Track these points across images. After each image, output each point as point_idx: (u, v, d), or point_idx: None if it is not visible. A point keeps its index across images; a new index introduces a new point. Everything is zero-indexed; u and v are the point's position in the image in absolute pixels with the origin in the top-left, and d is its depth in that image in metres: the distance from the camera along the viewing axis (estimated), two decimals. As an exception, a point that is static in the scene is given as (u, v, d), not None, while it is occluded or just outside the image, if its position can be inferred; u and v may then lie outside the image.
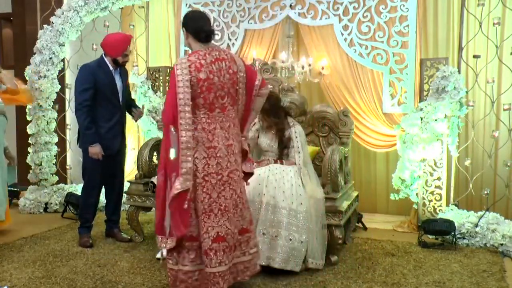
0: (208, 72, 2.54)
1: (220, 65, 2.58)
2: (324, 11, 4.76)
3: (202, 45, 2.63)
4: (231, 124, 2.63)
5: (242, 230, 2.71)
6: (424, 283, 3.12)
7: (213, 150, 2.56)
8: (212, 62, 2.57)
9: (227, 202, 2.60)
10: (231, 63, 2.63)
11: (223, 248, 2.56)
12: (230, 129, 2.62)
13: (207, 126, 2.57)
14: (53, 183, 5.22)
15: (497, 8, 4.49)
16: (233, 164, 2.61)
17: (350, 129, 4.04)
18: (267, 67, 4.35)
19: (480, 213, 4.07)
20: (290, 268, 3.19)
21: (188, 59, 2.57)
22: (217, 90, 2.57)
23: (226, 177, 2.59)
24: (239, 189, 2.67)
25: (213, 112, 2.58)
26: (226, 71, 2.59)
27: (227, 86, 2.61)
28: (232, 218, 2.62)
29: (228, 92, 2.61)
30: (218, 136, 2.57)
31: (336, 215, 3.45)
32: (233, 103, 2.65)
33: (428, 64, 4.41)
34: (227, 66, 2.60)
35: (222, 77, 2.58)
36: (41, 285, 3.05)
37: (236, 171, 2.64)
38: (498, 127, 4.49)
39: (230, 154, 2.60)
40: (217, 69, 2.56)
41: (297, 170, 3.48)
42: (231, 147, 2.61)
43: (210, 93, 2.55)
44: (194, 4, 5.25)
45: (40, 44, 5.03)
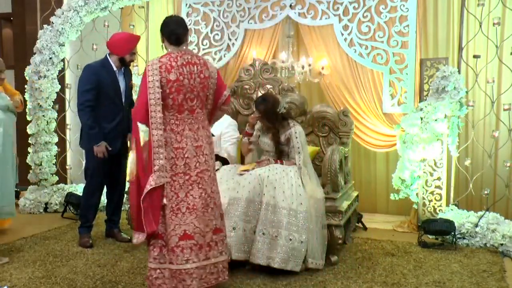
0: (178, 74, 2.62)
1: (191, 68, 2.67)
2: (324, 11, 4.77)
3: (175, 48, 2.71)
4: (200, 126, 2.71)
5: (216, 230, 2.73)
6: (424, 283, 3.12)
7: (181, 150, 2.64)
8: (183, 65, 2.65)
9: (195, 201, 2.65)
10: (203, 68, 2.71)
11: (190, 246, 2.61)
12: (199, 131, 2.70)
13: (176, 128, 2.65)
14: (53, 183, 5.22)
15: (497, 8, 4.49)
16: (203, 165, 2.68)
17: (350, 129, 4.05)
18: (267, 67, 4.35)
19: (480, 213, 4.07)
20: (290, 268, 3.19)
21: (160, 60, 2.66)
22: (186, 92, 2.65)
23: (194, 177, 2.66)
24: (210, 189, 2.71)
25: (182, 114, 2.67)
26: (197, 75, 2.68)
27: (197, 89, 2.69)
28: (201, 217, 2.65)
29: (197, 95, 2.70)
30: (186, 137, 2.65)
31: (336, 215, 3.45)
32: (202, 107, 2.74)
33: (428, 64, 4.41)
34: (198, 70, 2.68)
35: (192, 80, 2.66)
36: (41, 285, 3.05)
37: (207, 171, 2.70)
38: (498, 127, 4.49)
39: (200, 155, 2.68)
40: (187, 72, 2.65)
41: (297, 170, 3.48)
42: (201, 148, 2.69)
43: (179, 95, 2.64)
44: (194, 4, 5.25)
45: (40, 44, 5.03)
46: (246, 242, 3.24)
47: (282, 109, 3.60)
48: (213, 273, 2.71)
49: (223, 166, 3.68)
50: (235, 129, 3.94)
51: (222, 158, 3.79)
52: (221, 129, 3.86)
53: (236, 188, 3.33)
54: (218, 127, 3.86)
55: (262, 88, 4.27)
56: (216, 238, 2.73)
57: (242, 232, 3.23)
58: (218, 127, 3.86)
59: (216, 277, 2.72)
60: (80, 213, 4.09)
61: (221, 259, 2.75)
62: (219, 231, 2.75)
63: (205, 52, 5.22)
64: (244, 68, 4.46)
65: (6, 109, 3.53)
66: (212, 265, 2.70)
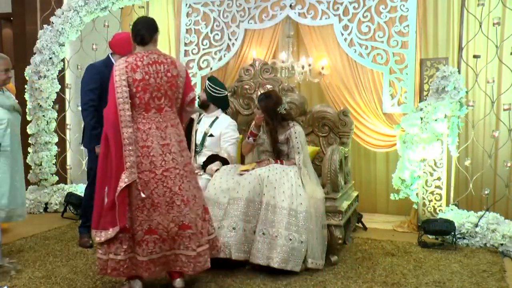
0: (144, 73, 2.69)
1: (158, 67, 2.73)
2: (324, 11, 4.76)
3: (141, 48, 2.78)
4: (168, 125, 2.76)
5: (182, 226, 2.76)
6: (424, 283, 3.12)
7: (146, 149, 2.70)
8: (149, 64, 2.72)
9: (159, 199, 2.71)
10: (171, 66, 2.77)
11: (154, 240, 2.72)
12: (168, 129, 2.75)
13: (142, 126, 2.72)
14: (53, 183, 5.22)
15: (497, 8, 4.49)
16: (170, 163, 2.72)
17: (350, 129, 4.05)
18: (267, 67, 4.35)
19: (480, 213, 4.07)
20: (290, 268, 3.19)
21: (126, 60, 2.73)
22: (153, 91, 2.71)
23: (160, 175, 2.71)
24: (177, 187, 2.74)
25: (149, 113, 2.73)
26: (164, 73, 2.74)
27: (164, 88, 2.74)
28: (165, 214, 2.72)
29: (165, 93, 2.75)
30: (152, 136, 2.71)
31: (336, 215, 3.45)
32: (171, 105, 2.80)
33: (428, 64, 4.41)
34: (165, 69, 2.74)
35: (159, 79, 2.72)
36: (41, 285, 3.05)
37: (174, 169, 2.74)
38: (498, 127, 4.49)
39: (166, 153, 2.72)
40: (153, 71, 2.71)
41: (297, 170, 3.48)
42: (168, 146, 2.73)
43: (146, 94, 2.70)
44: (194, 4, 5.25)
45: (40, 44, 5.03)
46: (246, 242, 3.24)
47: (283, 110, 3.60)
48: (177, 261, 2.79)
49: (223, 166, 3.68)
50: (234, 129, 3.94)
51: (222, 158, 3.79)
52: (220, 129, 3.86)
53: (236, 188, 3.33)
54: (218, 127, 3.87)
55: (262, 88, 4.27)
56: (182, 234, 2.76)
57: (242, 232, 3.23)
58: (218, 127, 3.87)
59: (180, 265, 2.79)
60: (81, 213, 4.09)
61: (186, 252, 2.77)
62: (187, 227, 2.76)
63: (205, 52, 5.22)
64: (244, 68, 4.46)
65: (12, 109, 3.50)
66: (176, 255, 2.78)
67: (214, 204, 3.35)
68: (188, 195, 2.78)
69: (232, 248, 3.19)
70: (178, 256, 2.79)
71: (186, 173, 2.80)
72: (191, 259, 2.78)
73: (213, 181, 3.48)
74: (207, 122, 3.94)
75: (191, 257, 2.77)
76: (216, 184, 3.44)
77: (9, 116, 3.45)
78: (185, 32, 5.29)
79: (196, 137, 3.93)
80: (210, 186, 3.47)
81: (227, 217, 3.24)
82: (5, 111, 3.44)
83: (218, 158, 3.78)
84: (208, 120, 3.95)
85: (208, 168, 3.71)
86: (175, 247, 2.77)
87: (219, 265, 3.29)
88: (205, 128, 3.90)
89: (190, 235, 2.77)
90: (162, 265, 2.78)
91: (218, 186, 3.42)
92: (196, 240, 2.79)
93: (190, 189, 2.81)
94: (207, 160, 3.79)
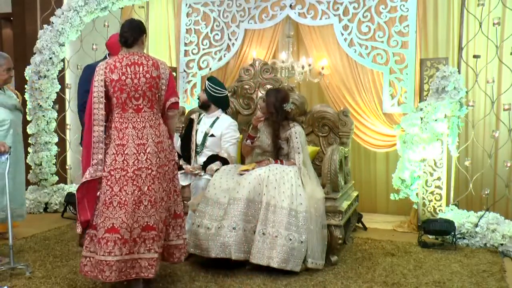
0: (121, 74, 2.74)
1: (137, 68, 2.75)
2: (324, 11, 4.76)
3: (125, 50, 2.83)
4: (147, 125, 2.78)
5: (147, 227, 2.74)
6: (424, 283, 3.12)
7: (121, 147, 2.74)
8: (128, 65, 2.75)
9: (127, 197, 2.71)
10: (151, 68, 2.78)
11: (115, 239, 2.68)
12: (145, 130, 2.77)
13: (119, 125, 2.77)
14: (53, 183, 5.22)
15: (497, 8, 4.49)
16: (143, 163, 2.74)
17: (350, 129, 4.04)
18: (267, 67, 4.35)
19: (480, 213, 4.07)
20: (290, 268, 3.19)
21: (107, 61, 2.81)
22: (130, 92, 2.75)
23: (131, 173, 2.72)
24: (147, 187, 2.74)
25: (126, 113, 2.77)
26: (143, 74, 2.75)
27: (143, 88, 2.76)
28: (131, 212, 2.70)
29: (143, 94, 2.77)
30: (128, 135, 2.75)
31: (336, 215, 3.45)
32: (151, 106, 2.80)
33: (428, 64, 4.41)
34: (144, 71, 2.76)
35: (136, 80, 2.75)
36: (41, 285, 3.05)
37: (146, 169, 2.74)
38: (498, 127, 4.49)
39: (141, 152, 2.74)
40: (131, 72, 2.74)
41: (297, 170, 3.48)
42: (143, 146, 2.75)
43: (123, 94, 2.75)
44: (194, 4, 5.25)
45: (40, 44, 5.03)
46: (246, 242, 3.24)
47: (288, 108, 3.61)
48: (134, 267, 2.74)
49: (223, 166, 3.68)
50: (235, 129, 3.94)
51: (222, 158, 3.79)
52: (221, 130, 3.86)
53: (236, 188, 3.33)
54: (219, 128, 3.87)
55: (262, 88, 4.27)
56: (145, 235, 2.74)
57: (242, 232, 3.23)
58: (219, 127, 3.87)
59: (138, 271, 2.74)
60: None
61: (147, 256, 2.75)
62: (151, 228, 2.75)
63: (205, 52, 5.22)
64: (244, 68, 4.46)
65: (14, 108, 3.50)
66: (134, 260, 2.73)
67: (214, 204, 3.36)
68: (156, 197, 2.77)
69: (232, 248, 3.19)
70: (137, 260, 2.74)
71: (159, 174, 2.79)
72: (152, 262, 2.75)
73: (213, 181, 3.48)
74: (207, 122, 3.93)
75: (153, 259, 2.75)
76: (216, 184, 3.44)
77: (12, 116, 3.45)
78: (185, 32, 5.29)
79: (196, 137, 3.92)
80: (210, 186, 3.47)
81: (227, 217, 3.24)
82: (7, 111, 3.44)
83: (218, 158, 3.78)
84: (208, 120, 3.95)
85: (208, 168, 3.71)
86: (135, 251, 2.72)
87: (219, 265, 3.29)
88: (206, 128, 3.90)
89: (154, 236, 2.76)
90: (118, 271, 2.68)
91: (218, 186, 3.42)
92: (159, 242, 2.78)
93: (159, 191, 2.79)
94: (207, 160, 3.80)
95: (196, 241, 3.28)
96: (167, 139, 2.87)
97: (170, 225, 2.90)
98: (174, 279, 3.15)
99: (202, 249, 3.25)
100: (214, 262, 3.30)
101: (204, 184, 3.58)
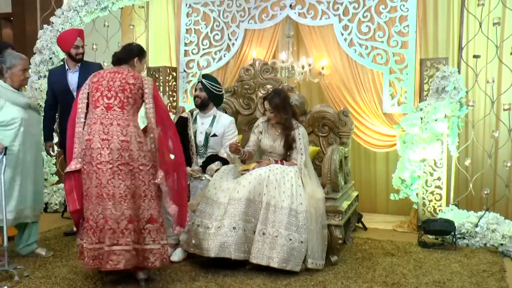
0: (100, 77, 3.03)
1: (115, 75, 3.01)
2: (324, 11, 4.76)
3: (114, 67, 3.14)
4: (114, 123, 2.93)
5: (105, 219, 2.87)
6: (424, 283, 3.12)
7: (89, 142, 2.92)
8: (109, 73, 3.04)
9: (93, 189, 2.89)
10: (128, 76, 3.01)
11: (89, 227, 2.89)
12: (112, 127, 2.92)
13: (90, 121, 2.96)
14: (53, 183, 5.22)
15: (497, 8, 4.50)
16: (105, 157, 2.88)
17: (350, 129, 4.05)
18: (267, 67, 4.35)
19: (480, 213, 4.07)
20: (290, 268, 3.19)
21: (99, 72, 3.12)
22: (103, 91, 2.97)
23: (95, 167, 2.88)
24: (107, 181, 2.86)
25: (97, 109, 2.96)
26: (119, 79, 2.98)
27: (116, 89, 2.97)
28: (95, 205, 2.88)
29: (116, 95, 2.96)
30: (95, 131, 2.91)
31: (336, 215, 3.45)
32: (122, 107, 2.96)
33: (428, 64, 4.41)
34: (121, 77, 2.99)
35: (111, 82, 2.98)
36: (41, 285, 3.05)
37: (108, 163, 2.87)
38: (498, 127, 4.49)
39: (104, 147, 2.88)
40: (109, 78, 3.00)
41: (297, 170, 3.48)
42: (107, 142, 2.89)
43: (97, 92, 2.98)
44: (194, 4, 5.25)
45: (40, 44, 5.03)
46: (246, 242, 3.24)
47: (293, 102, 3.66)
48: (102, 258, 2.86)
49: (223, 166, 3.68)
50: (235, 126, 3.92)
51: (221, 158, 3.78)
52: (224, 128, 3.84)
53: (237, 188, 3.33)
54: (220, 126, 3.84)
55: (262, 88, 4.27)
56: (105, 226, 2.85)
57: (242, 232, 3.23)
58: (220, 125, 3.84)
59: (104, 263, 2.84)
60: None
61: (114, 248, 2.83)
62: (107, 221, 2.85)
63: (205, 52, 5.22)
64: (244, 68, 4.46)
65: (27, 107, 3.45)
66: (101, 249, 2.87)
67: (214, 204, 3.35)
68: (115, 192, 2.85)
69: (232, 247, 3.18)
70: (104, 250, 2.86)
71: (121, 171, 2.87)
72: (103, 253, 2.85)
73: (213, 181, 3.48)
74: (206, 122, 3.86)
75: (105, 251, 2.84)
76: (217, 184, 3.44)
77: (23, 115, 3.39)
78: (185, 32, 5.29)
79: (197, 138, 3.86)
80: (210, 185, 3.46)
81: (227, 217, 3.24)
82: (19, 109, 3.38)
83: (219, 158, 3.77)
84: (206, 120, 3.87)
85: (208, 168, 3.70)
86: (102, 240, 2.87)
87: (219, 265, 3.29)
88: (206, 128, 3.84)
89: (108, 229, 2.83)
90: (93, 259, 2.87)
91: (219, 186, 3.42)
92: (112, 237, 2.83)
93: (120, 187, 2.85)
94: (207, 160, 3.79)
95: (196, 240, 3.28)
96: (136, 142, 2.93)
97: (146, 229, 2.93)
98: (174, 279, 3.15)
99: (202, 248, 3.24)
100: (214, 262, 3.30)
101: (204, 185, 3.57)
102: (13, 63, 3.41)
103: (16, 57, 3.48)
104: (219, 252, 3.18)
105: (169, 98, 5.28)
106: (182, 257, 3.51)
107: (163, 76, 5.26)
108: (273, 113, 3.61)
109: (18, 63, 3.43)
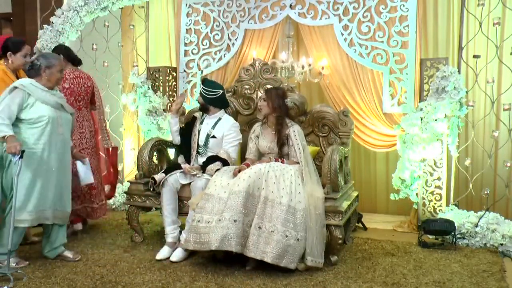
0: (70, 84, 4.03)
1: (79, 80, 4.10)
2: (324, 11, 4.76)
3: (72, 67, 4.14)
4: (84, 120, 4.15)
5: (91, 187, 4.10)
6: (424, 283, 3.12)
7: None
8: (74, 78, 4.07)
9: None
10: (86, 80, 4.15)
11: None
12: (84, 123, 4.14)
13: None
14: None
15: (497, 8, 4.50)
16: (84, 144, 4.11)
17: (350, 129, 4.05)
18: (267, 67, 4.35)
19: (480, 213, 4.07)
20: (283, 264, 3.18)
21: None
22: (76, 96, 4.07)
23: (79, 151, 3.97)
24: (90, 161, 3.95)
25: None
26: (83, 84, 4.12)
27: (83, 94, 4.12)
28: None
29: (83, 98, 4.13)
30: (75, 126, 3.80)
31: (336, 215, 3.45)
32: (86, 106, 4.19)
33: (428, 64, 4.41)
34: (83, 82, 4.12)
35: (79, 87, 4.09)
36: (41, 285, 3.05)
37: (87, 149, 4.12)
38: (498, 127, 4.49)
39: (82, 138, 4.10)
40: (77, 83, 4.08)
41: (297, 169, 3.48)
42: (84, 134, 4.11)
43: (71, 97, 4.03)
44: (194, 4, 5.25)
45: (40, 44, 5.03)
46: (244, 235, 3.22)
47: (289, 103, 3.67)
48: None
49: (223, 167, 3.68)
50: (237, 131, 3.94)
51: (222, 159, 3.79)
52: (223, 131, 3.87)
53: (236, 182, 3.34)
54: (221, 129, 3.88)
55: (262, 88, 4.27)
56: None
57: (241, 225, 3.21)
58: (221, 128, 3.88)
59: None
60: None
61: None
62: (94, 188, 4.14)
63: (205, 52, 5.21)
64: (244, 68, 4.46)
65: (58, 107, 3.41)
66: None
67: (215, 199, 3.35)
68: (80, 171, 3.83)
69: (233, 240, 3.15)
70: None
71: (92, 152, 4.19)
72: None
73: (214, 178, 3.49)
74: (210, 123, 3.95)
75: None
76: (217, 182, 3.44)
77: (52, 114, 3.33)
78: (185, 32, 5.28)
79: (199, 137, 3.93)
80: (210, 183, 3.47)
81: (228, 209, 3.22)
82: (48, 107, 3.32)
83: (219, 159, 3.78)
84: (211, 121, 3.96)
85: (208, 168, 3.71)
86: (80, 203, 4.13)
87: (219, 265, 3.29)
88: (208, 129, 3.91)
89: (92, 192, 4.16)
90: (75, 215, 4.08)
91: (219, 183, 3.42)
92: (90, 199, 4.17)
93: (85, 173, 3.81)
94: (207, 160, 3.80)
95: (196, 236, 3.26)
96: (93, 128, 4.26)
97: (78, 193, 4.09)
98: (174, 279, 3.16)
99: (203, 243, 3.21)
100: (214, 262, 3.30)
101: (204, 184, 3.58)
102: (53, 63, 3.40)
103: (54, 57, 3.50)
104: (220, 245, 3.14)
105: (169, 98, 5.28)
106: (182, 257, 3.52)
107: (163, 76, 5.26)
108: (265, 102, 3.66)
109: (56, 63, 3.43)
